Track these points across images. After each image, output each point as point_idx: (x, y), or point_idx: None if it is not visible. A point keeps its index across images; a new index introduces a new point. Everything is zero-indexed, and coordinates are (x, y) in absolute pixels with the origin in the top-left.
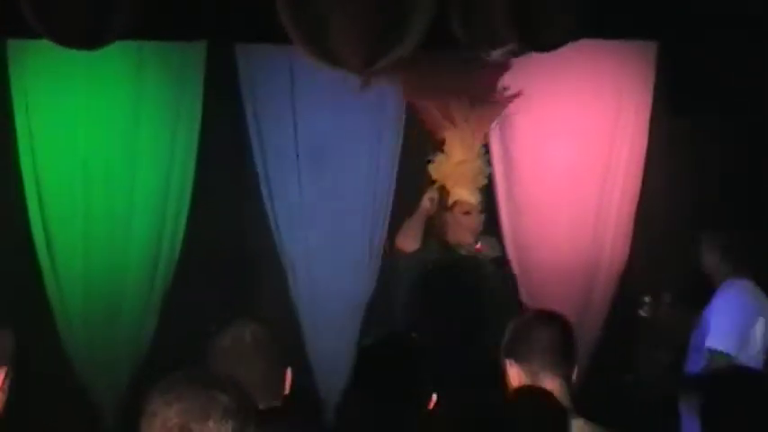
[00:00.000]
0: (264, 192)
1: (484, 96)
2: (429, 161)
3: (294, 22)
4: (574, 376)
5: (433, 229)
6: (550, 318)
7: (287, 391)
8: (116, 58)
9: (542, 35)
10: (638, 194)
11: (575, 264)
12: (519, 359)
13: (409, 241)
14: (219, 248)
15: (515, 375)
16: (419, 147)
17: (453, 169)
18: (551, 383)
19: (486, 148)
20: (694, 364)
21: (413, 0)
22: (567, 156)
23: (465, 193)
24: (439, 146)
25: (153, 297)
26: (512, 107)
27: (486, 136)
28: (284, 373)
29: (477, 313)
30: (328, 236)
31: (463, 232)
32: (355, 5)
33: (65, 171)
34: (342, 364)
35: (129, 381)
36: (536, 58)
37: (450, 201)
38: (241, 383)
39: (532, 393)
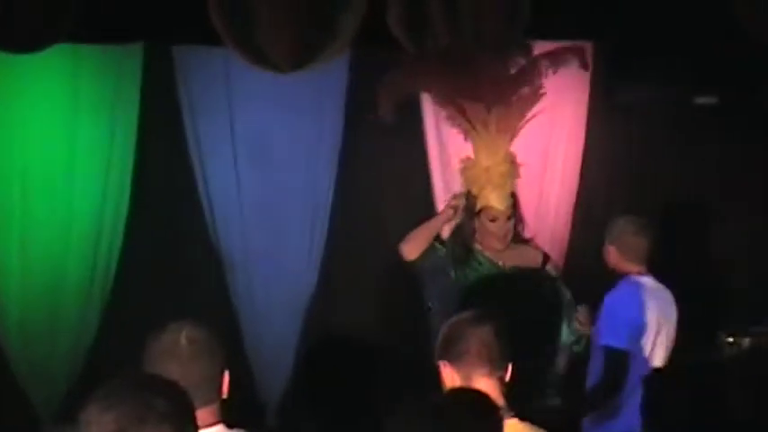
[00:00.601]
0: (203, 194)
1: (501, 100)
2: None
3: (224, 23)
4: (507, 376)
5: (461, 234)
6: (482, 317)
7: (225, 394)
8: (52, 62)
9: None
10: (577, 190)
11: None
12: (452, 360)
13: (410, 249)
14: (159, 251)
15: (449, 376)
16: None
17: (480, 174)
18: (485, 383)
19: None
20: (596, 362)
21: (342, 0)
22: None
23: (492, 199)
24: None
25: (92, 302)
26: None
27: (512, 140)
28: (222, 376)
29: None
30: (268, 236)
31: (490, 239)
32: (283, 6)
33: (2, 177)
34: (282, 366)
35: (67, 390)
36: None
37: (478, 207)
38: (179, 386)
39: (465, 394)
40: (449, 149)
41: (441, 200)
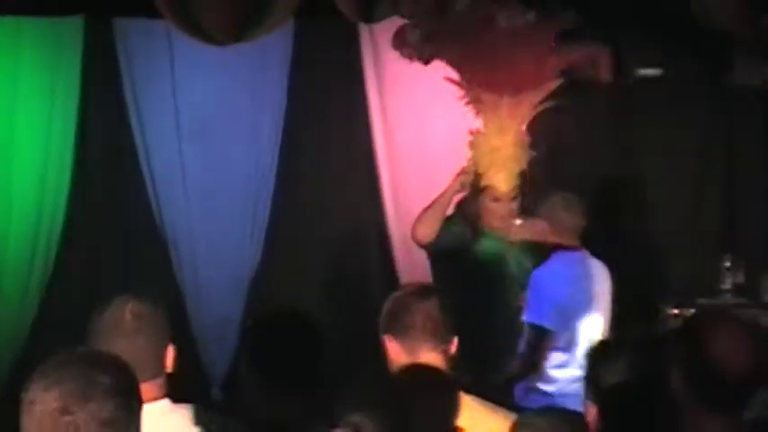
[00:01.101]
0: (145, 168)
1: (511, 89)
2: None
3: None
4: (452, 349)
5: (467, 213)
6: (427, 291)
7: (170, 368)
8: None
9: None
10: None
11: None
12: (397, 334)
13: (424, 229)
14: (101, 226)
15: (394, 351)
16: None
17: (487, 153)
18: (431, 357)
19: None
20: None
21: None
22: (448, 129)
23: (496, 179)
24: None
25: (34, 277)
26: (392, 81)
27: (524, 122)
28: (166, 351)
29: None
30: (211, 211)
31: (492, 218)
32: None
33: None
34: (227, 342)
35: (10, 366)
36: None
37: (482, 184)
38: (123, 361)
39: (422, 370)
40: (392, 118)
41: (384, 174)
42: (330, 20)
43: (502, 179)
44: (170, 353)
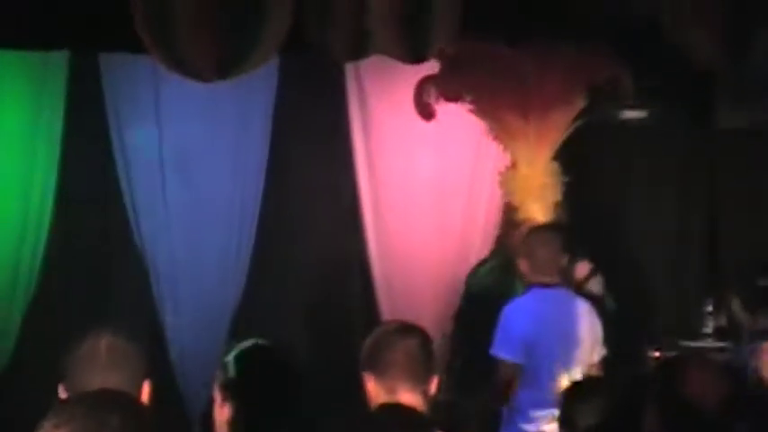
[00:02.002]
0: (128, 202)
1: (539, 108)
2: None
3: (148, 32)
4: (432, 389)
5: (502, 247)
6: (408, 330)
7: (146, 403)
8: None
9: (418, 46)
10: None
11: (440, 275)
12: (376, 372)
13: None
14: (83, 260)
15: (373, 389)
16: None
17: (520, 185)
18: (409, 397)
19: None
20: None
21: (266, 9)
22: (432, 166)
23: (533, 210)
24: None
25: (14, 309)
26: (377, 116)
27: (552, 151)
28: (142, 386)
29: None
30: (194, 246)
31: None
32: (205, 16)
33: None
34: (208, 377)
35: None
36: (401, 70)
37: (520, 218)
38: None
39: (393, 410)
40: (376, 161)
41: (367, 209)
42: (315, 57)
43: (538, 210)
44: (146, 388)
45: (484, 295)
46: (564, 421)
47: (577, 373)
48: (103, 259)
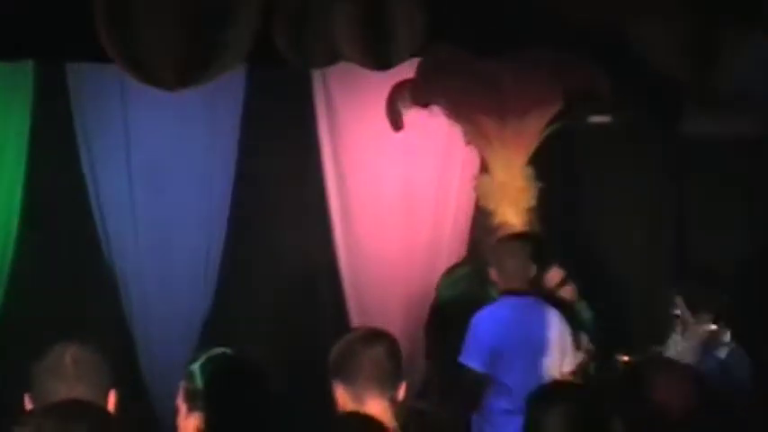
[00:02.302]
0: (96, 212)
1: (528, 109)
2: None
3: (110, 39)
4: (400, 396)
5: (476, 253)
6: (374, 337)
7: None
8: None
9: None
10: (473, 209)
11: (409, 282)
12: (344, 380)
13: None
14: (50, 271)
15: (342, 397)
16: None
17: (496, 190)
18: (377, 405)
19: (536, 166)
20: None
21: (231, 16)
22: (400, 173)
23: (509, 214)
24: (483, 166)
25: None
26: (344, 125)
27: (527, 156)
28: (108, 397)
29: None
30: (162, 254)
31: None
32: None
33: None
34: (178, 383)
35: None
36: (368, 76)
37: (495, 222)
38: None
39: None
40: (345, 168)
41: (336, 220)
42: (282, 65)
43: (514, 213)
44: (112, 398)
45: (456, 301)
46: (529, 427)
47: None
48: (72, 270)
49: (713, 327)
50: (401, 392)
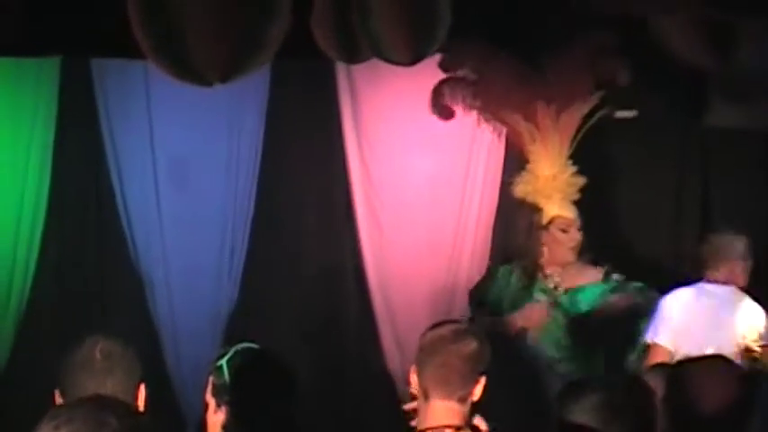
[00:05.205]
0: (121, 209)
1: (567, 101)
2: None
3: (147, 33)
4: (474, 396)
5: (526, 252)
6: (460, 334)
7: (142, 407)
8: None
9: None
10: (497, 206)
11: (434, 277)
12: (418, 374)
13: None
14: (76, 267)
15: (414, 384)
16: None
17: (544, 184)
18: (441, 405)
19: (573, 159)
20: None
21: (270, 9)
22: (425, 168)
23: (561, 208)
24: (523, 162)
25: (8, 316)
26: (368, 119)
27: (570, 147)
28: (137, 391)
29: None
30: (187, 249)
31: (562, 251)
32: (214, 16)
33: None
34: (203, 379)
35: None
36: (392, 69)
37: (545, 218)
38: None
39: None
40: (369, 159)
41: (361, 214)
42: (307, 59)
43: (567, 207)
44: (141, 392)
45: (507, 300)
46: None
47: None
48: (97, 266)
49: None
50: (474, 393)
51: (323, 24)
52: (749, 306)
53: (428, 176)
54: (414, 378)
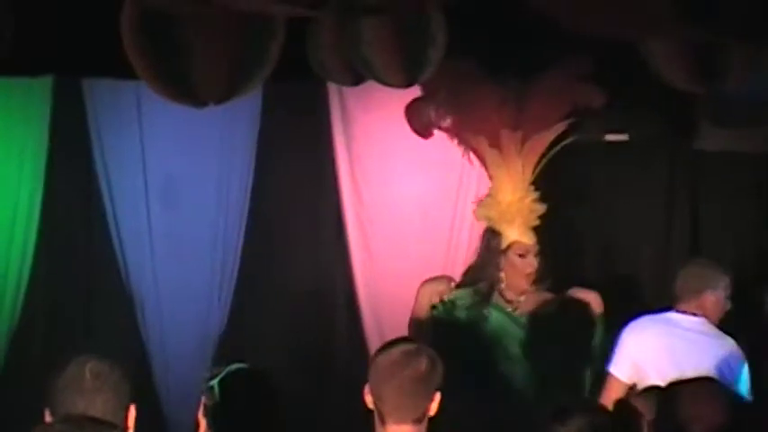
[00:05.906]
0: (113, 229)
1: (535, 128)
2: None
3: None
4: (430, 412)
5: (484, 275)
6: (403, 362)
7: (131, 429)
8: None
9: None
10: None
11: None
12: (373, 395)
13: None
14: (67, 288)
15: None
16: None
17: (506, 209)
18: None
19: (535, 186)
20: None
21: (270, 27)
22: (416, 188)
23: (520, 233)
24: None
25: None
26: (360, 139)
27: (534, 172)
28: (127, 411)
29: None
30: (177, 271)
31: (518, 278)
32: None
33: None
34: (193, 405)
35: None
36: (384, 89)
37: (504, 243)
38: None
39: None
40: (360, 179)
41: (353, 236)
42: (299, 81)
43: (525, 232)
44: (131, 413)
45: (461, 324)
46: None
47: None
48: (88, 286)
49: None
50: (430, 410)
51: (325, 49)
52: (717, 340)
53: (419, 197)
54: (368, 398)
